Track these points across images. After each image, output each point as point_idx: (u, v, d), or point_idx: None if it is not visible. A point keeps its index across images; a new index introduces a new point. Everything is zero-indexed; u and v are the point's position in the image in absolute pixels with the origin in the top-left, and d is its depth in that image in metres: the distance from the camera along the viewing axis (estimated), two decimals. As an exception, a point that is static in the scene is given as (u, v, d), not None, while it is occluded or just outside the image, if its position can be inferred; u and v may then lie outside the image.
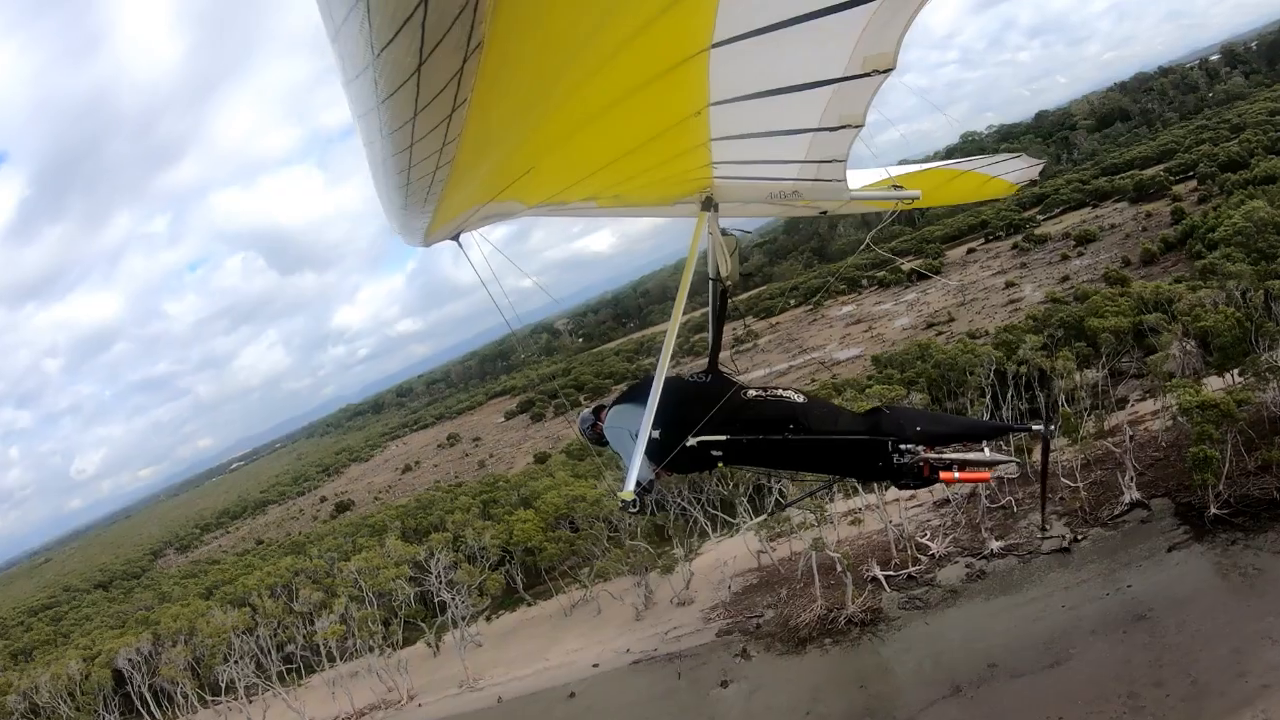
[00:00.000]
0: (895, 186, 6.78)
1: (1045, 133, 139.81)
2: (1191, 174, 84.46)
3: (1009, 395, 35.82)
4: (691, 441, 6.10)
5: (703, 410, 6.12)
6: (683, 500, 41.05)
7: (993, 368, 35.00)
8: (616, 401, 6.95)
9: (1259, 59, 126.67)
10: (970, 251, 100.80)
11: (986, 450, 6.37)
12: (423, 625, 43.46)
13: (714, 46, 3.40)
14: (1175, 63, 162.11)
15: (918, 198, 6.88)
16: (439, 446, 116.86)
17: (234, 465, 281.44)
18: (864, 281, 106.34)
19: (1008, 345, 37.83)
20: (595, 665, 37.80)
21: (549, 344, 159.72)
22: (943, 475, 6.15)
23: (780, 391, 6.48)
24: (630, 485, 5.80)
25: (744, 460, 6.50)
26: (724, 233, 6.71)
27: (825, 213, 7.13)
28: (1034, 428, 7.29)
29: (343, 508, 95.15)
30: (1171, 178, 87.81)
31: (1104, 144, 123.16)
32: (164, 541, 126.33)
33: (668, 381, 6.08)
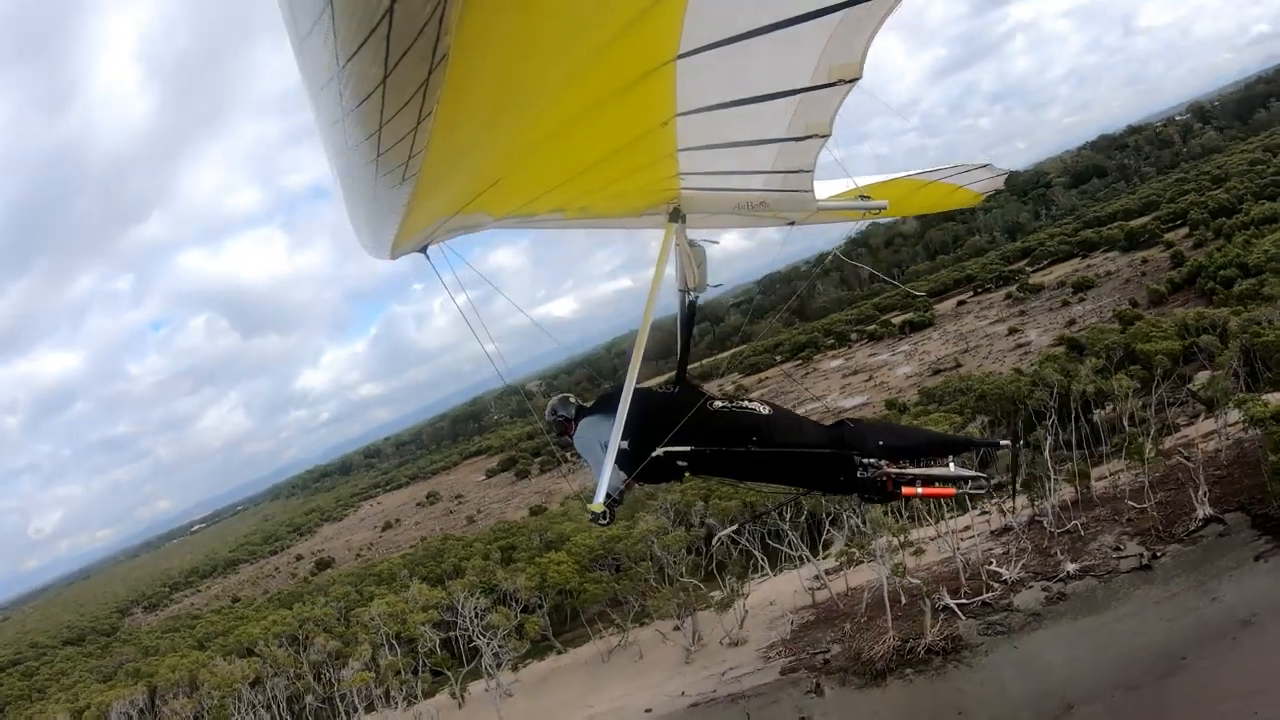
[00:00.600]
0: (863, 197, 6.80)
1: (1020, 190, 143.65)
2: (1181, 222, 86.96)
3: (1071, 418, 35.63)
4: (659, 452, 6.14)
5: (670, 421, 6.16)
6: (736, 535, 40.01)
7: (1055, 390, 34.84)
8: (588, 412, 6.90)
9: (1227, 115, 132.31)
10: (961, 303, 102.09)
11: (952, 466, 6.39)
12: (448, 673, 41.48)
13: (680, 57, 3.41)
14: (1119, 131, 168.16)
15: (884, 207, 6.98)
16: (418, 505, 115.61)
17: (195, 527, 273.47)
18: (852, 335, 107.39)
19: (1064, 370, 37.82)
20: (648, 710, 36.24)
21: (521, 405, 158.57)
22: (905, 490, 6.19)
23: (746, 403, 6.51)
24: (600, 497, 5.84)
25: (710, 471, 6.56)
26: (692, 244, 6.72)
27: (793, 223, 7.06)
28: (1001, 443, 7.46)
29: (323, 564, 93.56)
30: (1163, 226, 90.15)
31: (1082, 199, 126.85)
32: (130, 600, 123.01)
33: (636, 392, 6.13)
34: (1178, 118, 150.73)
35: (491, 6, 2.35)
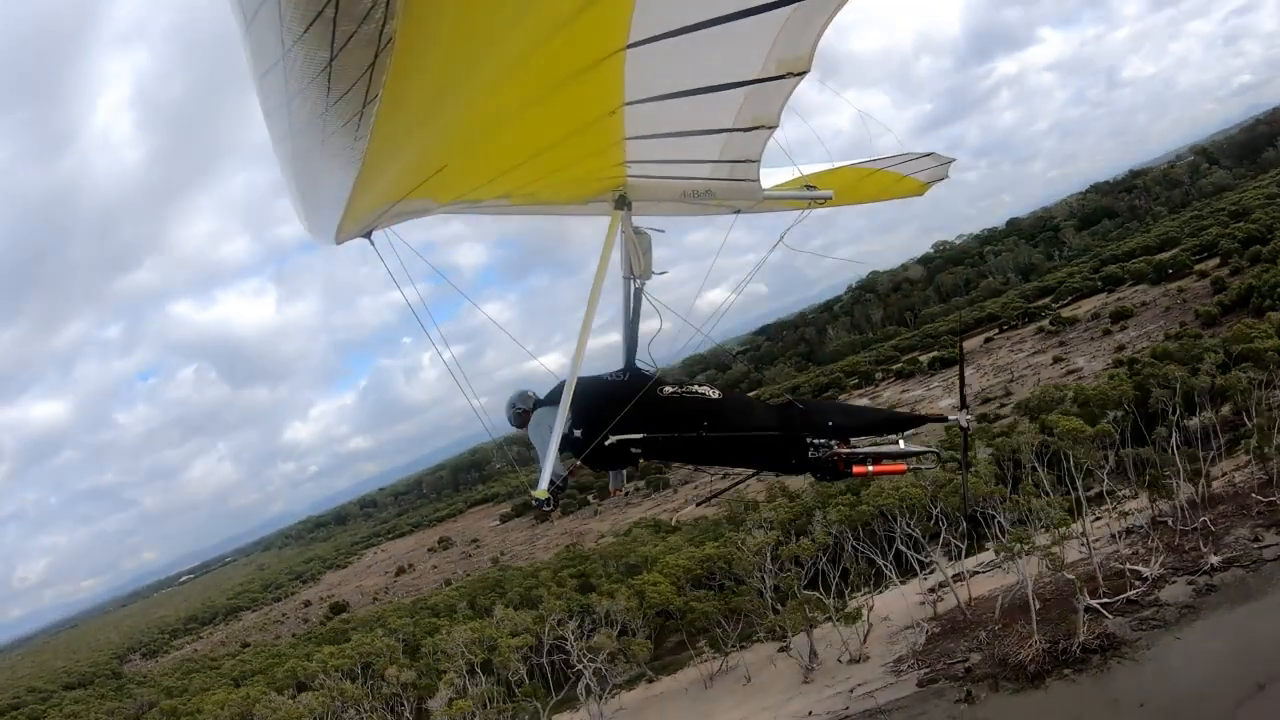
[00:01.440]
0: (808, 186, 6.92)
1: (1027, 234, 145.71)
2: (1210, 253, 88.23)
3: (1198, 414, 35.61)
4: (612, 440, 6.20)
5: (620, 408, 6.21)
6: (862, 545, 39.37)
7: (1178, 387, 34.82)
8: (544, 403, 7.01)
9: (1232, 156, 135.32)
10: (988, 340, 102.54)
11: (901, 443, 6.53)
12: (537, 704, 40.19)
13: (629, 47, 3.43)
14: (1115, 178, 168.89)
15: (830, 197, 7.04)
16: (429, 550, 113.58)
17: (183, 578, 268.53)
18: (877, 374, 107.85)
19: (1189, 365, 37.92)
20: (776, 733, 35.26)
21: (523, 455, 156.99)
22: (855, 469, 6.33)
23: (696, 388, 6.60)
24: (543, 484, 5.86)
25: (662, 456, 6.73)
26: (637, 231, 6.77)
27: (739, 211, 7.19)
28: (950, 418, 7.62)
29: (337, 609, 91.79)
30: (1193, 257, 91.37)
31: (1095, 240, 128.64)
32: (126, 646, 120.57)
33: (588, 381, 6.33)
34: (1179, 160, 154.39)
35: None
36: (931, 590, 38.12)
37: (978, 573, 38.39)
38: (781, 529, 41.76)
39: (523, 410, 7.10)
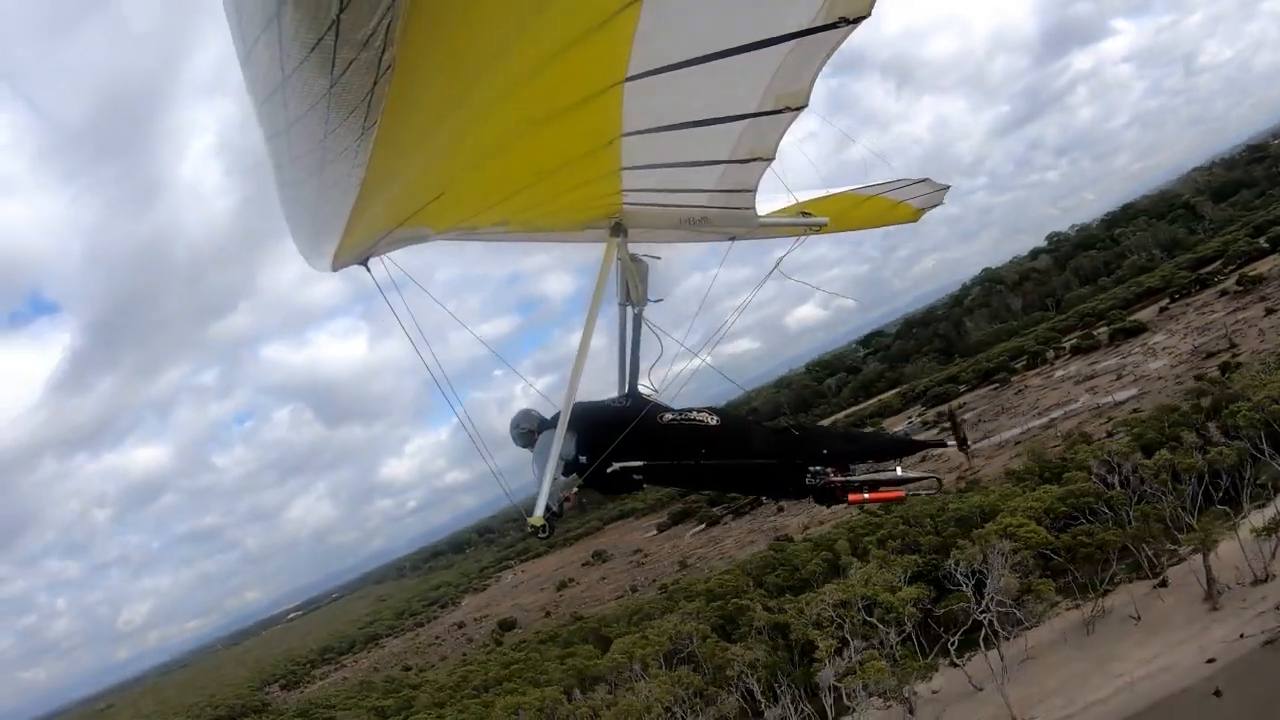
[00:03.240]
0: (804, 214, 6.83)
1: (1157, 214, 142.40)
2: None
3: None
4: (615, 466, 6.11)
5: (620, 434, 6.13)
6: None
7: None
8: (549, 425, 6.82)
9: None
10: (1164, 309, 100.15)
11: (899, 469, 6.40)
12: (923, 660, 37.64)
13: (629, 80, 3.47)
14: (1199, 167, 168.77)
15: (825, 224, 6.98)
16: (584, 565, 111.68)
17: (290, 615, 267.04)
18: (1048, 353, 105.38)
19: None
20: (1210, 660, 32.50)
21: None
22: (851, 496, 6.24)
23: (695, 415, 6.47)
24: (539, 510, 5.76)
25: (664, 482, 6.84)
26: (634, 258, 6.74)
27: (735, 238, 7.18)
28: (948, 444, 7.78)
29: (506, 625, 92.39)
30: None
31: (1238, 210, 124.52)
32: (261, 679, 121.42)
33: (590, 406, 6.37)
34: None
35: (437, 21, 2.29)
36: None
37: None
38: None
39: (528, 430, 6.89)
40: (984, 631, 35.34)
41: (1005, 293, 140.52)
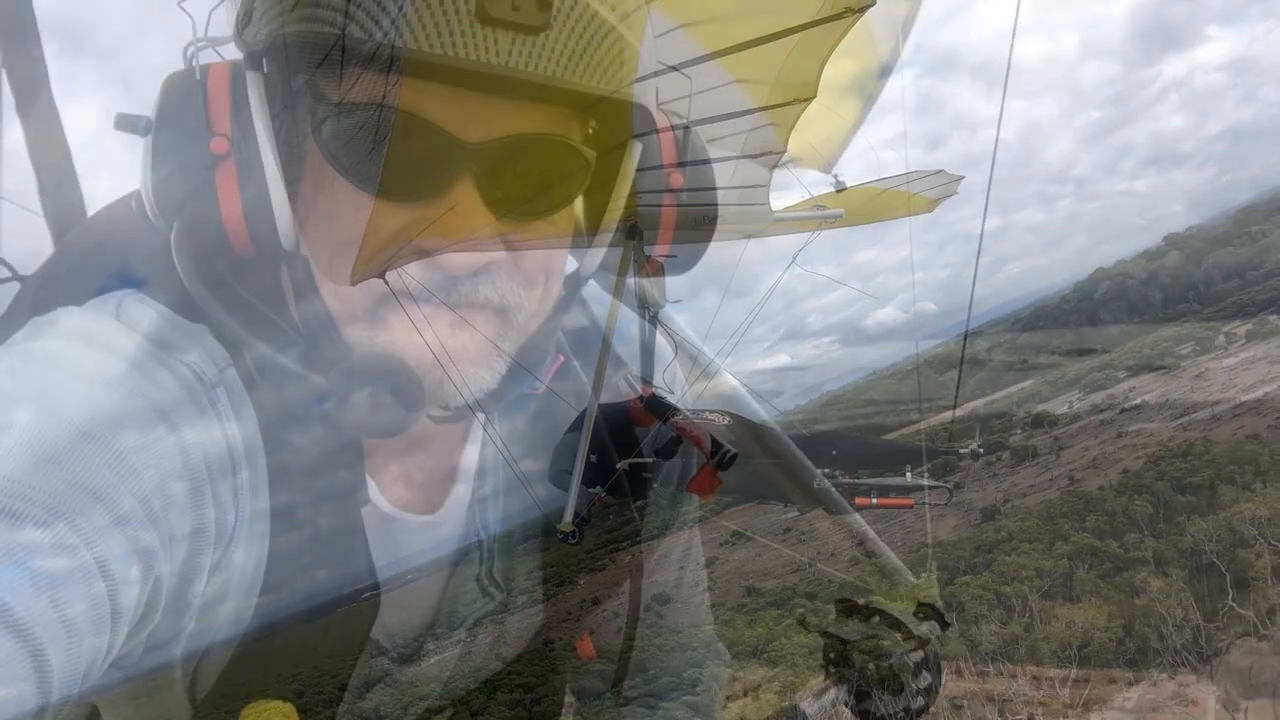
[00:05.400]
0: (818, 206, 5.84)
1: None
2: None
3: None
4: (623, 464, 4.98)
5: (636, 436, 5.04)
6: None
7: None
8: (571, 429, 5.70)
9: None
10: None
11: (909, 475, 5.27)
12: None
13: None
14: None
15: (840, 216, 6.03)
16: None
17: None
18: (1218, 339, 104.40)
19: None
20: None
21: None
22: (859, 501, 4.96)
23: (708, 416, 5.37)
24: (569, 516, 4.38)
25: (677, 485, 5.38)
26: (650, 260, 5.53)
27: (750, 236, 6.02)
28: (962, 450, 6.67)
29: None
30: None
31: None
32: None
33: (611, 408, 5.09)
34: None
35: None
36: None
37: None
38: None
39: None
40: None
41: (1136, 288, 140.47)
